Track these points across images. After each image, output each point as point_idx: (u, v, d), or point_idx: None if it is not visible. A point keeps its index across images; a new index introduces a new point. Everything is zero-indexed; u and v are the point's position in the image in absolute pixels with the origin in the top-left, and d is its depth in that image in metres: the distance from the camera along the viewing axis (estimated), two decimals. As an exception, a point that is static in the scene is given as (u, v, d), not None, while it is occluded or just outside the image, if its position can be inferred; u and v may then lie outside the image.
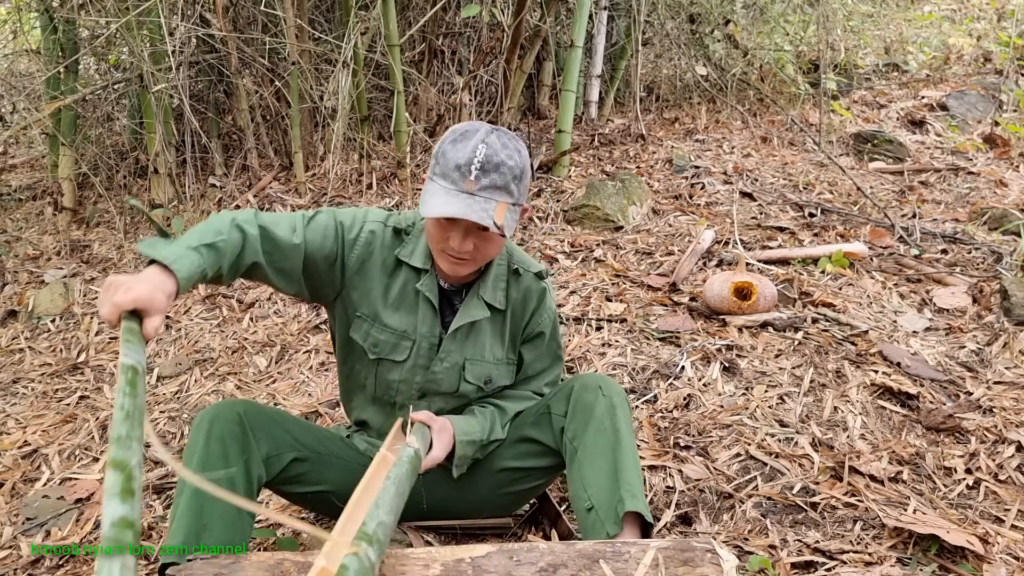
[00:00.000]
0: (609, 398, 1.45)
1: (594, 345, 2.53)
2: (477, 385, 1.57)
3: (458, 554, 1.12)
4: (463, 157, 1.32)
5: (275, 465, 1.46)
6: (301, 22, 3.93)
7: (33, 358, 2.99)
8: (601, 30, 4.84)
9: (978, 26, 6.70)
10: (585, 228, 3.55)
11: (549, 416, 1.53)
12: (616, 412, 1.44)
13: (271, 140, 4.34)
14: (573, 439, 1.46)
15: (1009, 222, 3.46)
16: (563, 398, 1.51)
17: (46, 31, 4.06)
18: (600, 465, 1.40)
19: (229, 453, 1.36)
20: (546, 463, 1.57)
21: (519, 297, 1.57)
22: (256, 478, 1.41)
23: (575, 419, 1.47)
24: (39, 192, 4.69)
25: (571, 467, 1.46)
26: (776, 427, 2.04)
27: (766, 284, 2.65)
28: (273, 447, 1.45)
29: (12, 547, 1.91)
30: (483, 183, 1.32)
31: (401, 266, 1.51)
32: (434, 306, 1.51)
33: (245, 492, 1.37)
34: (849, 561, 1.54)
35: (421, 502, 1.64)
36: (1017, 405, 2.11)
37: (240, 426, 1.39)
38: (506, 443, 1.59)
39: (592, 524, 1.37)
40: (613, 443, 1.41)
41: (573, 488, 1.44)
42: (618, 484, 1.36)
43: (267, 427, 1.45)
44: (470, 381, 1.56)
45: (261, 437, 1.43)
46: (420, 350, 1.52)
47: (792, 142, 4.82)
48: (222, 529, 1.31)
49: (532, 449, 1.56)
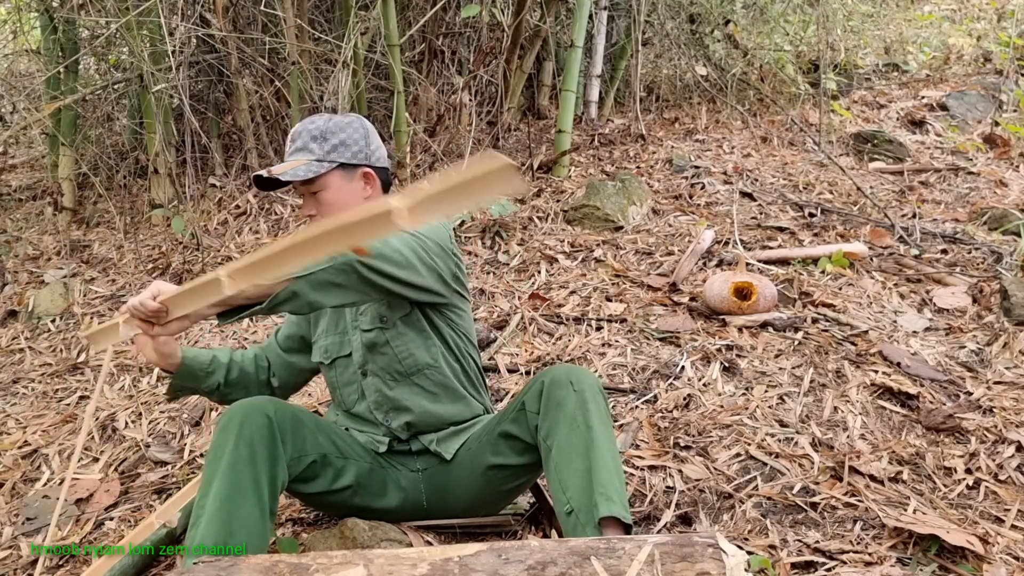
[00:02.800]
0: (580, 392, 1.40)
1: (594, 345, 2.53)
2: (375, 328, 1.57)
3: (447, 553, 1.11)
4: (290, 135, 1.59)
5: (296, 467, 1.46)
6: (301, 22, 3.93)
7: (33, 358, 2.99)
8: (601, 30, 4.84)
9: (978, 26, 6.70)
10: (585, 228, 3.56)
11: (525, 413, 1.49)
12: (588, 407, 1.39)
13: (271, 140, 4.34)
14: (547, 438, 1.42)
15: (1009, 222, 3.46)
16: (536, 394, 1.47)
17: (46, 31, 4.06)
18: (576, 465, 1.35)
19: (257, 457, 1.35)
20: (528, 460, 1.53)
21: None
22: (280, 482, 1.40)
23: (547, 417, 1.42)
24: (39, 192, 4.70)
25: (548, 468, 1.42)
26: (776, 427, 2.04)
27: (766, 284, 2.65)
28: (297, 449, 1.45)
29: (12, 547, 1.91)
30: (290, 150, 1.57)
31: None
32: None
33: (269, 496, 1.36)
34: (849, 561, 1.54)
35: (422, 500, 1.65)
36: (1017, 405, 2.11)
37: (269, 430, 1.38)
38: (488, 440, 1.57)
39: (573, 528, 1.33)
40: (587, 441, 1.36)
41: (552, 489, 1.40)
42: (593, 486, 1.31)
43: (293, 429, 1.45)
44: (366, 328, 1.59)
45: (288, 440, 1.42)
46: (353, 341, 1.63)
47: (792, 142, 4.82)
48: (247, 535, 1.31)
49: (515, 446, 1.53)
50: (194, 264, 3.51)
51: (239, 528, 1.30)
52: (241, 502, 1.31)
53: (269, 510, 1.36)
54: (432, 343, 1.60)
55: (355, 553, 1.13)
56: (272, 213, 3.93)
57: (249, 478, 1.33)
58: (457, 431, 1.65)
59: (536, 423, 1.46)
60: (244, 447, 1.34)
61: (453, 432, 1.64)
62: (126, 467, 2.23)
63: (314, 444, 1.49)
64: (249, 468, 1.33)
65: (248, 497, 1.32)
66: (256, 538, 1.32)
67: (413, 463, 1.65)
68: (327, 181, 1.54)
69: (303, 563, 1.10)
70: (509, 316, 2.77)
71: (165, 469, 2.19)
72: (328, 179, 1.55)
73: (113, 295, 3.42)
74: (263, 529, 1.34)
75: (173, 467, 2.19)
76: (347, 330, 1.64)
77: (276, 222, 3.86)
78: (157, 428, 2.41)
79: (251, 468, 1.34)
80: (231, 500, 1.31)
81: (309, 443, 1.48)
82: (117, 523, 1.97)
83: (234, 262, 1.21)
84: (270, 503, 1.36)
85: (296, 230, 1.25)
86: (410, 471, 1.65)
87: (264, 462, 1.36)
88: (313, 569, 1.09)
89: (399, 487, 1.64)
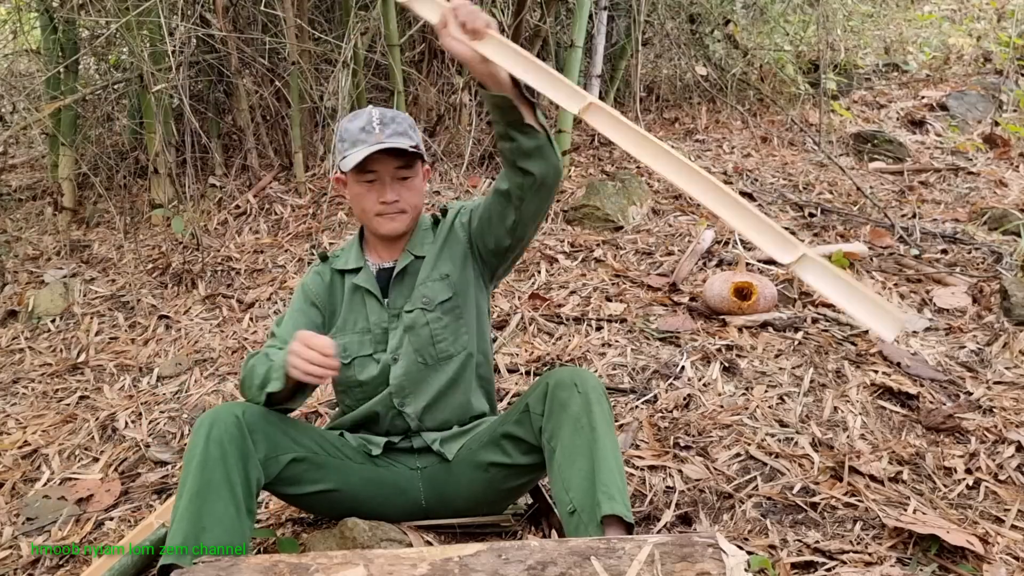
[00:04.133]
0: (584, 394, 1.43)
1: (594, 345, 2.53)
2: (416, 308, 1.61)
3: (447, 553, 1.11)
4: (362, 122, 1.54)
5: (273, 466, 1.47)
6: (301, 22, 3.93)
7: (33, 358, 2.99)
8: (601, 30, 4.83)
9: (978, 26, 6.69)
10: (585, 228, 3.56)
11: (528, 415, 1.51)
12: (592, 408, 1.41)
13: (271, 140, 4.34)
14: (551, 439, 1.44)
15: (1009, 222, 3.46)
16: (540, 396, 1.49)
17: (46, 31, 4.06)
18: (579, 465, 1.38)
19: (228, 456, 1.37)
20: (531, 460, 1.55)
21: (446, 227, 1.67)
22: (255, 480, 1.42)
23: (551, 418, 1.45)
24: (39, 192, 4.70)
25: (551, 468, 1.44)
26: (776, 427, 2.04)
27: (766, 284, 2.65)
28: (271, 449, 1.46)
29: (12, 547, 1.91)
30: (387, 132, 1.53)
31: (343, 276, 1.67)
32: (376, 295, 1.63)
33: (244, 494, 1.38)
34: (849, 561, 1.54)
35: (420, 499, 1.65)
36: (1017, 405, 2.11)
37: (238, 428, 1.40)
38: (490, 440, 1.59)
39: (576, 528, 1.35)
40: (590, 441, 1.38)
41: (555, 490, 1.42)
42: (595, 486, 1.34)
43: (265, 429, 1.46)
44: (410, 309, 1.61)
45: (259, 439, 1.44)
46: (375, 337, 1.62)
47: (792, 142, 4.82)
48: (221, 530, 1.32)
49: (519, 446, 1.55)
50: (194, 264, 3.51)
51: (212, 524, 1.32)
52: (213, 499, 1.34)
53: (246, 508, 1.38)
54: (463, 332, 1.64)
55: (355, 553, 1.13)
56: (272, 213, 3.93)
57: (221, 476, 1.35)
58: (460, 432, 1.65)
59: (540, 424, 1.48)
60: (214, 447, 1.37)
61: (457, 433, 1.65)
62: (126, 467, 2.23)
63: (289, 444, 1.50)
64: (220, 466, 1.36)
65: (221, 494, 1.34)
66: (231, 534, 1.33)
67: (412, 461, 1.65)
68: (418, 169, 1.61)
69: (303, 563, 1.10)
70: (509, 316, 2.77)
71: (165, 469, 2.19)
72: (419, 167, 1.62)
73: (113, 295, 3.42)
74: (239, 525, 1.35)
75: (173, 467, 2.19)
76: (369, 328, 1.63)
77: (276, 222, 3.86)
78: (157, 428, 2.41)
79: (222, 466, 1.36)
80: (201, 497, 1.33)
81: (284, 443, 1.49)
82: (117, 523, 1.97)
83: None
84: (246, 500, 1.38)
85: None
86: (409, 469, 1.65)
87: (235, 460, 1.38)
88: (313, 569, 1.09)
89: (396, 486, 1.64)
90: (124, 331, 3.13)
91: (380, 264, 1.67)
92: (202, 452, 1.36)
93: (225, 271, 3.49)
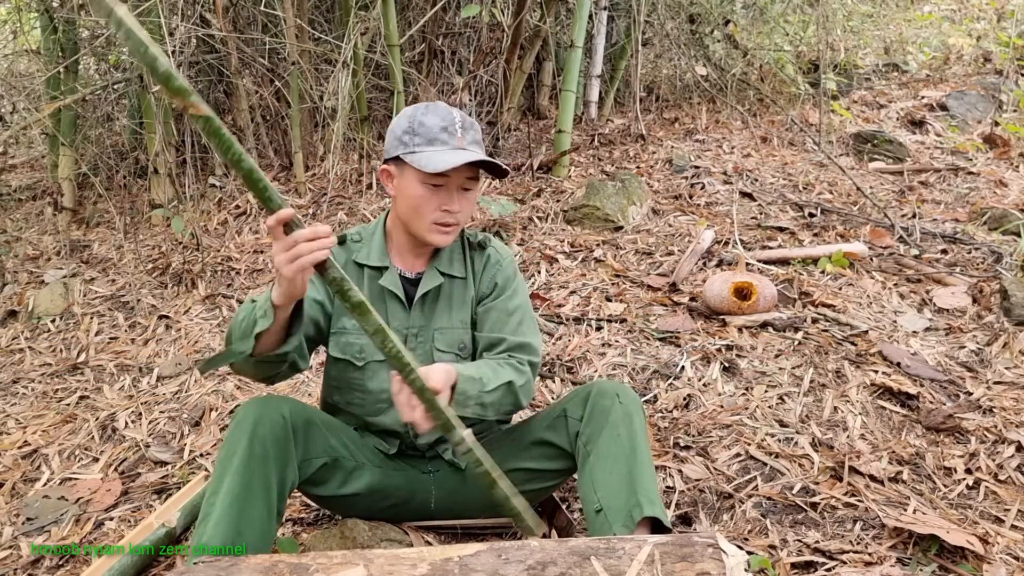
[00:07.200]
0: (626, 406, 1.46)
1: (594, 345, 2.53)
2: (452, 352, 1.56)
3: (447, 553, 1.11)
4: (444, 120, 1.45)
5: (306, 469, 1.46)
6: (301, 22, 3.93)
7: (33, 358, 2.99)
8: (601, 30, 4.84)
9: (978, 26, 6.70)
10: (585, 228, 3.55)
11: (565, 420, 1.53)
12: (632, 420, 1.44)
13: (271, 140, 4.34)
14: (587, 443, 1.47)
15: (1009, 222, 3.46)
16: (580, 402, 1.51)
17: (46, 31, 4.06)
18: (612, 469, 1.40)
19: (269, 457, 1.34)
20: (559, 466, 1.57)
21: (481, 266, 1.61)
22: (289, 483, 1.40)
23: (591, 423, 1.47)
24: (39, 192, 4.70)
25: (583, 469, 1.46)
26: (776, 427, 2.04)
27: (766, 284, 2.65)
28: (308, 451, 1.45)
29: (12, 547, 1.91)
30: (468, 139, 1.47)
31: (362, 269, 1.56)
32: (400, 299, 1.55)
33: (276, 498, 1.35)
34: (849, 561, 1.54)
35: (429, 502, 1.64)
36: (1017, 405, 2.11)
37: (284, 430, 1.37)
38: (522, 445, 1.59)
39: (600, 526, 1.37)
40: (628, 451, 1.41)
41: (583, 490, 1.44)
42: (635, 489, 1.36)
43: (307, 430, 1.44)
44: (443, 349, 1.56)
45: (299, 440, 1.42)
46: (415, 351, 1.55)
47: (792, 142, 4.82)
48: (254, 535, 1.31)
49: (547, 452, 1.57)
50: (194, 264, 3.50)
51: (247, 528, 1.30)
52: (252, 502, 1.31)
53: (276, 511, 1.36)
54: None
55: (355, 553, 1.13)
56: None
57: (260, 478, 1.32)
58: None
59: (578, 429, 1.50)
60: (258, 446, 1.33)
61: None
62: (126, 467, 2.23)
63: (325, 447, 1.49)
64: (261, 468, 1.33)
65: (258, 498, 1.32)
66: (261, 539, 1.32)
67: (425, 465, 1.65)
68: (480, 182, 1.57)
69: (303, 563, 1.10)
70: (509, 316, 2.76)
71: (165, 469, 2.19)
72: (480, 180, 1.55)
73: (113, 295, 3.42)
74: (269, 530, 1.34)
75: (173, 467, 2.19)
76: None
77: (276, 222, 3.85)
78: (157, 428, 2.41)
79: (263, 468, 1.33)
80: (242, 499, 1.30)
81: (320, 446, 1.48)
82: (117, 523, 1.97)
83: None
84: (278, 504, 1.36)
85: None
86: (421, 472, 1.64)
87: (276, 463, 1.35)
88: (313, 569, 1.08)
89: (408, 488, 1.63)
90: (124, 331, 3.13)
91: (402, 271, 1.58)
92: (245, 450, 1.32)
93: (225, 271, 3.49)
